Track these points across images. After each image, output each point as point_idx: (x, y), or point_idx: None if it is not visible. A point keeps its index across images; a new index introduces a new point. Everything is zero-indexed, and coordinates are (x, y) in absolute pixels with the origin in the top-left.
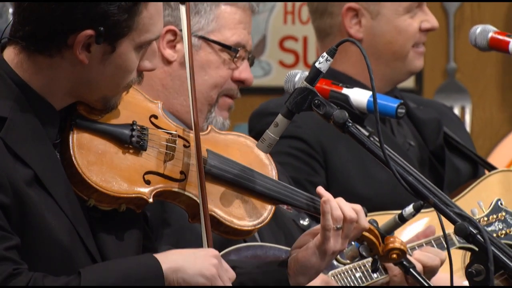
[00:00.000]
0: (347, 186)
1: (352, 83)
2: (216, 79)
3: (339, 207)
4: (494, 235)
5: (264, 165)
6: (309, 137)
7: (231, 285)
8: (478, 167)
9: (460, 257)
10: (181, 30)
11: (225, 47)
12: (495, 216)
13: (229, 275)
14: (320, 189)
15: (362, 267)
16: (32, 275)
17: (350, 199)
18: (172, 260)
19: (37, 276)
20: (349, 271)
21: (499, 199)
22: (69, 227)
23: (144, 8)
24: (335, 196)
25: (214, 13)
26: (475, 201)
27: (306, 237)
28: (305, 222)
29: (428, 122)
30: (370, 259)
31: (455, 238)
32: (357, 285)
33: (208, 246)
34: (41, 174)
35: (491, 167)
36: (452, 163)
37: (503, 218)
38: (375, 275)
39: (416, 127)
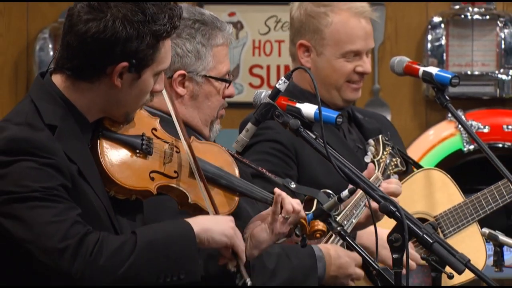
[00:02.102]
0: (313, 178)
1: (311, 96)
2: (216, 104)
3: (290, 203)
4: (390, 168)
5: (230, 166)
6: (285, 140)
7: (243, 244)
8: (408, 165)
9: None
10: (188, 72)
11: (222, 80)
12: (386, 153)
13: (240, 236)
14: (276, 190)
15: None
16: (100, 232)
17: (315, 187)
18: (201, 223)
19: (103, 234)
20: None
21: (381, 135)
22: (103, 209)
23: (162, 45)
24: (304, 185)
25: (210, 54)
26: (404, 191)
27: (257, 221)
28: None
29: (371, 130)
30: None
31: None
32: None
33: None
34: (83, 168)
35: (417, 165)
36: None
37: (389, 151)
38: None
39: (362, 134)
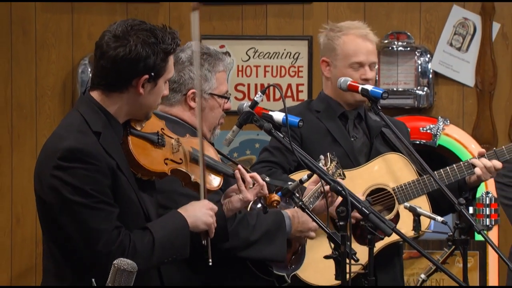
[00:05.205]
0: (311, 151)
1: (331, 101)
2: (218, 114)
3: (253, 176)
4: (336, 175)
5: (214, 154)
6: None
7: (213, 228)
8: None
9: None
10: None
11: (223, 97)
12: (332, 165)
13: (214, 219)
14: (237, 167)
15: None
16: (129, 235)
17: (311, 156)
18: (191, 216)
19: (132, 236)
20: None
21: (329, 153)
22: (132, 191)
23: (169, 59)
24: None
25: (214, 77)
26: (371, 170)
27: (230, 192)
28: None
29: (375, 127)
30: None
31: None
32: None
33: (204, 197)
34: (120, 163)
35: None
36: (377, 149)
37: (335, 164)
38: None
39: (368, 128)
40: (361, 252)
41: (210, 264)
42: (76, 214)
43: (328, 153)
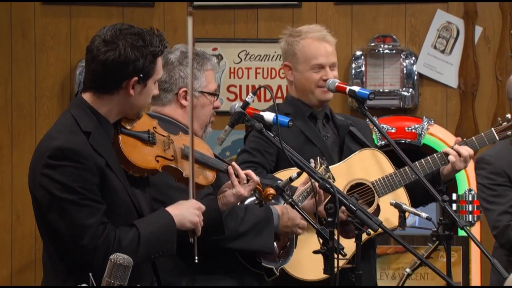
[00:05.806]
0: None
1: (299, 102)
2: (208, 112)
3: (247, 173)
4: (326, 178)
5: (208, 151)
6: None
7: (200, 227)
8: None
9: None
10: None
11: (213, 94)
12: (322, 168)
13: (201, 217)
14: (231, 164)
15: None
16: (115, 230)
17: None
18: (178, 214)
19: (118, 231)
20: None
21: (319, 157)
22: (123, 189)
23: (157, 61)
24: (283, 159)
25: (203, 75)
26: (349, 166)
27: (225, 187)
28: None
29: (342, 126)
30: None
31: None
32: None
33: (192, 197)
34: (109, 161)
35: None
36: (348, 146)
37: (324, 168)
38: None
39: (336, 128)
40: (344, 246)
41: (196, 261)
42: (64, 210)
43: (318, 157)
